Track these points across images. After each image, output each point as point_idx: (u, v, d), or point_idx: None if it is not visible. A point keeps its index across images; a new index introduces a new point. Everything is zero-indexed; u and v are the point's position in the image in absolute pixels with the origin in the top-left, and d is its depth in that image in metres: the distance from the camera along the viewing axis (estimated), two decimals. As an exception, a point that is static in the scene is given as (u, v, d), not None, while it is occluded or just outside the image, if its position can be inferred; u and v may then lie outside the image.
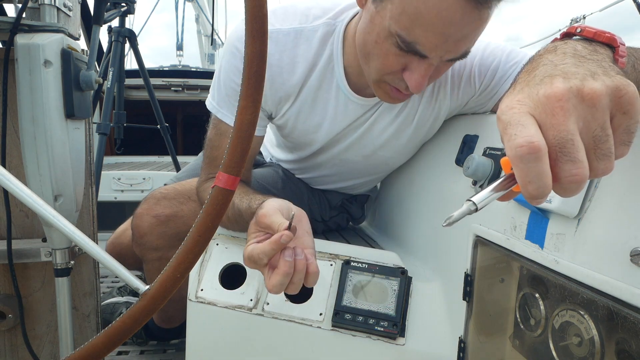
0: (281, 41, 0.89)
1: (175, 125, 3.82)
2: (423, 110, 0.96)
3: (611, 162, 0.38)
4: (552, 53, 0.45)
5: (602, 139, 0.37)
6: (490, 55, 0.90)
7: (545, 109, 0.37)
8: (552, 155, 0.37)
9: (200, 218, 0.55)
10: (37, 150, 0.85)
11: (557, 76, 0.39)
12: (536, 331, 0.59)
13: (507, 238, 0.64)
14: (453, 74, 0.92)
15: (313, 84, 0.93)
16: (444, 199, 0.89)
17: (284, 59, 0.90)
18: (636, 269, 0.44)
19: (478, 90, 0.92)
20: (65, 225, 0.69)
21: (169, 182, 1.24)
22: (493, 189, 0.40)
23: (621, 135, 0.38)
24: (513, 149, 0.36)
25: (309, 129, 1.00)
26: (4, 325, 1.05)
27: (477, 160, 0.71)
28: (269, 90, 0.92)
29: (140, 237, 1.03)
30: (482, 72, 0.90)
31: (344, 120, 0.97)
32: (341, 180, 1.19)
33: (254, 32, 0.53)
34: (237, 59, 0.88)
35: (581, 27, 0.48)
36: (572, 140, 0.36)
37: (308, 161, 1.13)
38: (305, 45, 0.90)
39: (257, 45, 0.53)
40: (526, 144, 0.36)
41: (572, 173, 0.36)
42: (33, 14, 0.89)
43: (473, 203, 0.40)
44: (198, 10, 7.66)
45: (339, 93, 0.94)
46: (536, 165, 0.36)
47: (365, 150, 1.04)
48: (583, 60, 0.41)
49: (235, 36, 0.89)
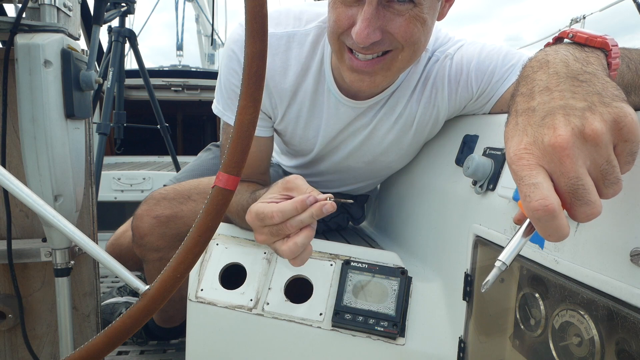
0: (274, 45, 0.89)
1: (175, 125, 3.82)
2: (422, 115, 0.95)
3: (619, 185, 0.41)
4: (545, 70, 0.45)
5: (609, 171, 0.40)
6: (487, 59, 0.89)
7: (553, 159, 0.39)
8: (567, 200, 0.40)
9: (200, 218, 0.55)
10: (37, 150, 0.85)
11: (557, 114, 0.41)
12: (536, 331, 0.59)
13: (507, 238, 0.64)
14: (450, 79, 0.92)
15: (309, 89, 0.93)
16: (444, 199, 0.89)
17: (277, 62, 0.90)
18: (636, 269, 0.44)
19: (475, 94, 0.91)
20: (65, 225, 0.68)
21: (168, 183, 1.24)
22: (515, 244, 0.44)
23: (625, 158, 0.41)
24: (530, 212, 0.39)
25: (308, 134, 1.00)
26: (4, 325, 1.05)
27: (477, 160, 0.71)
28: (263, 93, 0.92)
29: (140, 237, 1.03)
30: (479, 76, 0.89)
31: (336, 124, 0.97)
32: (344, 184, 1.20)
33: (254, 32, 0.53)
34: (234, 61, 0.88)
35: (573, 31, 0.48)
36: (583, 186, 0.39)
37: (311, 168, 1.13)
38: (298, 49, 0.90)
39: (257, 45, 0.53)
40: (541, 207, 0.38)
41: (588, 214, 0.39)
42: (33, 14, 0.89)
43: (503, 263, 0.43)
44: (198, 10, 7.66)
45: (330, 96, 0.94)
46: (553, 222, 0.39)
47: (367, 157, 1.04)
48: (577, 84, 0.42)
49: (232, 39, 0.89)
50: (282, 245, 0.65)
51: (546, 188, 0.39)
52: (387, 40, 0.75)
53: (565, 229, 0.39)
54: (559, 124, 0.40)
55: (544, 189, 0.39)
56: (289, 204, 0.63)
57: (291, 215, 0.63)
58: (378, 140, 0.99)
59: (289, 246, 0.64)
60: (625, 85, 0.52)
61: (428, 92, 0.93)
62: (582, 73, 0.43)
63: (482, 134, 0.84)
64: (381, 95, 0.93)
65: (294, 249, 0.64)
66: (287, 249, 0.64)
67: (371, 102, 0.94)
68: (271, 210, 0.63)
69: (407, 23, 0.73)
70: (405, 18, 0.73)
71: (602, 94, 0.41)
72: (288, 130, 1.00)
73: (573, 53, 0.46)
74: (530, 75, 0.47)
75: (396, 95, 0.94)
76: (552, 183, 0.40)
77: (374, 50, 0.76)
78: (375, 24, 0.72)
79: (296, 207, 0.62)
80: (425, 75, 0.93)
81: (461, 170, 0.78)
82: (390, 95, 0.94)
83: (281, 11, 0.94)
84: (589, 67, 0.44)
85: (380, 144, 1.00)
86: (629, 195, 0.47)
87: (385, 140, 0.99)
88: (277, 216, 0.63)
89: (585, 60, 0.45)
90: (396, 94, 0.94)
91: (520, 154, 0.41)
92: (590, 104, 0.40)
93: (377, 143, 1.00)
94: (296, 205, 0.62)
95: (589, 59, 0.45)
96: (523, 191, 0.40)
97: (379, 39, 0.74)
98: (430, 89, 0.93)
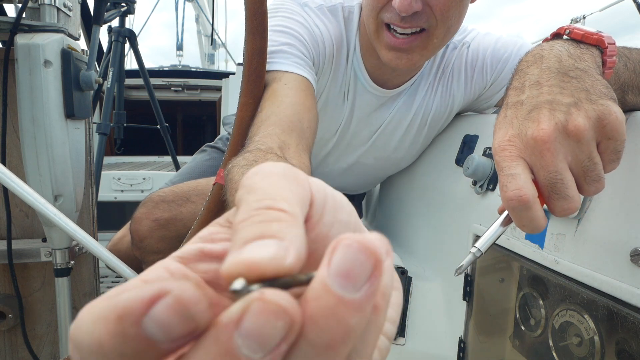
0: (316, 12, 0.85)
1: (175, 125, 3.82)
2: (438, 106, 0.96)
3: (601, 183, 0.41)
4: (538, 65, 0.46)
5: (590, 168, 0.40)
6: (502, 48, 0.91)
7: (534, 151, 0.40)
8: (545, 194, 0.40)
9: (201, 215, 0.55)
10: (37, 150, 0.85)
11: (543, 108, 0.41)
12: (536, 331, 0.59)
13: (507, 238, 0.64)
14: (467, 66, 0.93)
15: (342, 65, 0.89)
16: (444, 199, 0.89)
17: (320, 27, 0.85)
18: (636, 269, 0.44)
19: (489, 82, 0.93)
20: (66, 224, 0.69)
21: (164, 185, 1.22)
22: (492, 232, 0.44)
23: (609, 156, 0.41)
24: (505, 201, 0.40)
25: (334, 115, 0.95)
26: (4, 325, 1.05)
27: (477, 160, 0.71)
28: (311, 45, 0.82)
29: (140, 241, 1.03)
30: (494, 63, 0.91)
31: (358, 111, 0.95)
32: (347, 185, 1.19)
33: (254, 28, 0.53)
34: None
35: (570, 28, 0.49)
36: (561, 180, 0.39)
37: (319, 164, 1.11)
38: (334, 22, 0.87)
39: (257, 41, 0.53)
40: (515, 197, 0.39)
41: (565, 208, 0.40)
42: (33, 14, 0.89)
43: (478, 249, 0.44)
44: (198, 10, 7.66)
45: (357, 82, 0.92)
46: (527, 213, 0.39)
47: (379, 153, 1.03)
48: (567, 80, 0.43)
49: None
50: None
51: (523, 179, 0.40)
52: (425, 14, 0.75)
53: (539, 221, 0.40)
54: (543, 118, 0.40)
55: (520, 179, 0.39)
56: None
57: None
58: (394, 133, 0.99)
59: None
60: (621, 84, 0.52)
61: (445, 80, 0.94)
62: (573, 69, 0.44)
63: (482, 134, 0.84)
64: (405, 85, 0.94)
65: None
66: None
67: (395, 92, 0.93)
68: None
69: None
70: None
71: (590, 90, 0.41)
72: (320, 99, 0.93)
73: (568, 49, 0.46)
74: (524, 69, 0.47)
75: (416, 84, 0.95)
76: (530, 175, 0.40)
77: (413, 24, 0.76)
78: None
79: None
80: (445, 63, 0.94)
81: (461, 170, 0.78)
82: (411, 85, 0.95)
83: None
84: (581, 64, 0.44)
85: (394, 137, 1.00)
86: (629, 196, 0.47)
87: (399, 132, 0.99)
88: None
89: (578, 57, 0.45)
90: (416, 83, 0.95)
91: (504, 146, 0.42)
92: (577, 100, 0.41)
93: (392, 136, 0.99)
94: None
95: (582, 56, 0.45)
96: (501, 181, 0.41)
97: (420, 9, 0.73)
98: (448, 77, 0.94)
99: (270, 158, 0.53)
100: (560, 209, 0.40)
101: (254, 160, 0.52)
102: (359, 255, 0.14)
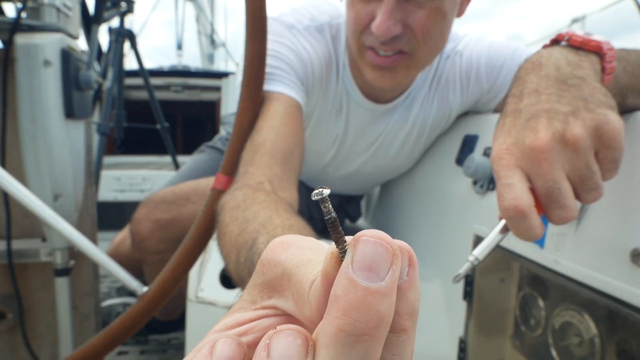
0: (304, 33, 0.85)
1: (175, 125, 3.82)
2: (435, 116, 0.95)
3: (599, 192, 0.41)
4: (536, 73, 0.46)
5: (588, 177, 0.40)
6: (496, 53, 0.91)
7: (531, 160, 0.40)
8: (543, 202, 0.41)
9: (198, 221, 0.55)
10: (37, 150, 0.85)
11: (541, 117, 0.41)
12: (536, 331, 0.59)
13: (508, 238, 0.64)
14: (461, 75, 0.92)
15: (331, 86, 0.89)
16: (444, 199, 0.89)
17: (307, 47, 0.84)
18: (636, 269, 0.44)
19: (486, 88, 0.92)
20: (63, 227, 0.68)
21: (164, 186, 1.22)
22: (491, 240, 0.45)
23: (607, 164, 0.41)
24: (502, 210, 0.41)
25: (329, 133, 0.95)
26: (4, 325, 1.05)
27: (477, 160, 0.71)
28: (300, 69, 0.81)
29: (140, 242, 1.03)
30: (489, 70, 0.91)
31: (354, 127, 0.95)
32: (346, 188, 1.19)
33: (254, 33, 0.53)
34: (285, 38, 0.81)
35: (569, 34, 0.48)
36: (558, 189, 0.40)
37: (317, 176, 1.11)
38: (322, 41, 0.87)
39: (257, 46, 0.53)
40: (512, 207, 0.39)
41: (562, 217, 0.41)
42: (33, 14, 0.89)
43: (476, 258, 0.44)
44: (198, 9, 7.65)
45: (350, 99, 0.92)
46: (524, 222, 0.40)
47: (379, 161, 1.03)
48: (565, 89, 0.43)
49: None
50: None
51: (519, 189, 0.40)
52: (405, 36, 0.74)
53: (536, 230, 0.40)
54: (540, 127, 0.41)
55: (517, 189, 0.40)
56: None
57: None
58: (392, 143, 0.98)
59: None
60: (620, 88, 0.51)
61: (441, 91, 0.93)
62: (571, 77, 0.43)
63: (482, 134, 0.84)
64: (399, 99, 0.93)
65: None
66: None
67: (389, 106, 0.92)
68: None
69: (428, 16, 0.72)
70: (426, 10, 0.72)
71: (588, 99, 0.41)
72: (312, 118, 0.93)
73: (566, 56, 0.46)
74: (523, 77, 0.47)
75: (411, 97, 0.94)
76: (527, 184, 0.41)
77: (393, 47, 0.75)
78: (396, 16, 0.71)
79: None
80: (439, 74, 0.94)
81: (461, 170, 0.78)
82: (406, 98, 0.94)
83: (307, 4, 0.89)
84: (580, 72, 0.44)
85: (393, 148, 0.99)
86: (629, 196, 0.47)
87: (398, 142, 0.98)
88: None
89: (577, 65, 0.45)
90: (411, 95, 0.94)
91: (501, 154, 0.42)
92: (575, 108, 0.41)
93: (391, 147, 0.99)
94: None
95: (581, 63, 0.45)
96: (499, 190, 0.41)
97: (399, 33, 0.72)
98: (443, 88, 0.93)
99: (257, 197, 0.53)
100: (558, 217, 0.41)
101: (242, 201, 0.53)
102: (377, 248, 0.17)
